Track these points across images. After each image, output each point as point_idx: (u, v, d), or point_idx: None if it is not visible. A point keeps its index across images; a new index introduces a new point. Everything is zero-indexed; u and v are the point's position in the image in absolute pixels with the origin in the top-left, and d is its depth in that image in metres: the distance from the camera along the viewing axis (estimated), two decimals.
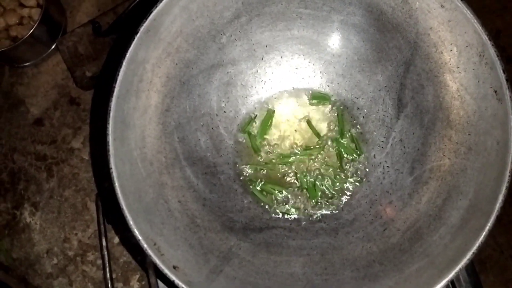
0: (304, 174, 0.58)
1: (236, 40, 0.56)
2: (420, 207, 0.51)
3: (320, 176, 0.58)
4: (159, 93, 0.52)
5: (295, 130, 0.59)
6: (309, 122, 0.59)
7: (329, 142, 0.59)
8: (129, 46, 0.47)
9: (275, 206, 0.57)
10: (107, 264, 0.62)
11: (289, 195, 0.57)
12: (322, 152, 0.58)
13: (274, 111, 0.60)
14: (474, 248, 0.43)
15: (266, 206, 0.57)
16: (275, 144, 0.59)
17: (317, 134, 0.59)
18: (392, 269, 0.47)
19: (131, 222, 0.45)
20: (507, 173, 0.44)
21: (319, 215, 0.56)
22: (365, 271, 0.48)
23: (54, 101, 0.71)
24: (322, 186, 0.57)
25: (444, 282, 0.43)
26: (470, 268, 0.56)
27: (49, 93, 0.71)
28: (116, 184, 0.46)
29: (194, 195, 0.53)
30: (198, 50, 0.54)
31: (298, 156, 0.58)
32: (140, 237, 0.45)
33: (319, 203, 0.57)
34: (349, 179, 0.57)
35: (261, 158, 0.59)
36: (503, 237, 0.63)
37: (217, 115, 0.58)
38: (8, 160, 0.70)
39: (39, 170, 0.69)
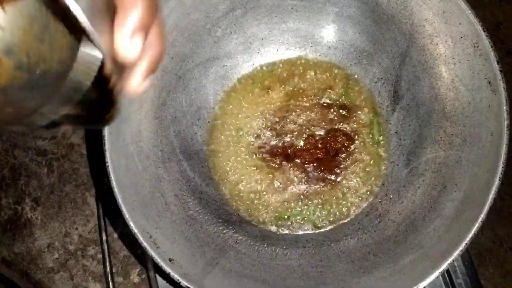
0: None
1: (232, 33, 0.56)
2: (415, 199, 0.51)
3: None
4: (155, 87, 0.52)
5: None
6: None
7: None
8: None
9: None
10: (107, 258, 0.62)
11: None
12: None
13: None
14: (467, 239, 0.43)
15: None
16: None
17: None
18: (387, 260, 0.47)
19: (127, 216, 0.45)
20: (501, 164, 0.43)
21: None
22: (360, 263, 0.49)
23: None
24: None
25: (437, 272, 0.43)
26: (467, 260, 0.56)
27: None
28: (112, 178, 0.46)
29: (191, 188, 0.53)
30: (194, 44, 0.54)
31: None
32: (136, 230, 0.45)
33: None
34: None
35: None
36: (503, 230, 0.63)
37: (213, 108, 0.58)
38: (9, 155, 0.70)
39: (39, 165, 0.70)
